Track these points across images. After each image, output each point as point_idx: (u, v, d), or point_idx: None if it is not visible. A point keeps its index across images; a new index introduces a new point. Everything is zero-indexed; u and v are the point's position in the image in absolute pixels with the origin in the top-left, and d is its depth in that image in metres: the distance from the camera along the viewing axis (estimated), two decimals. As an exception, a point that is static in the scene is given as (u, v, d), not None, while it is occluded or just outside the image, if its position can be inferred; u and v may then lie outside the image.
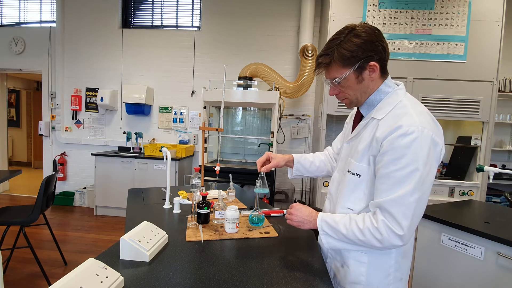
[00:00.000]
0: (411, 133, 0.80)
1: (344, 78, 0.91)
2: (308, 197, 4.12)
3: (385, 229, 0.82)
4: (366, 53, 0.87)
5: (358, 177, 0.93)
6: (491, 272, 1.43)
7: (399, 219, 0.81)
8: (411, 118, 0.82)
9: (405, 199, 0.80)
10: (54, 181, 2.52)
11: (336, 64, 0.90)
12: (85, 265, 0.77)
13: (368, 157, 0.90)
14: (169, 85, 4.32)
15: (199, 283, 0.85)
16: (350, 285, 0.98)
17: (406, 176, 0.80)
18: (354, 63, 0.88)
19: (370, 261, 0.94)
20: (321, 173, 1.30)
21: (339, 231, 0.90)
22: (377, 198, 0.86)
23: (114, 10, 4.32)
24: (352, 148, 0.98)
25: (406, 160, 0.80)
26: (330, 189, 1.09)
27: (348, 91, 0.94)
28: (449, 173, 3.34)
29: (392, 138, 0.82)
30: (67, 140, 4.48)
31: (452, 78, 3.02)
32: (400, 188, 0.80)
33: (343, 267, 1.00)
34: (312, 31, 3.80)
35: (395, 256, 0.94)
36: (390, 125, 0.84)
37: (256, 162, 1.26)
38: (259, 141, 3.99)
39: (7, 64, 4.52)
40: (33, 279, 2.34)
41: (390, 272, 0.94)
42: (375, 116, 0.92)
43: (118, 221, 3.81)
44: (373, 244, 0.85)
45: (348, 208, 0.96)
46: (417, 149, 0.79)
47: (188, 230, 1.25)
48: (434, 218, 1.67)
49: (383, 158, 0.84)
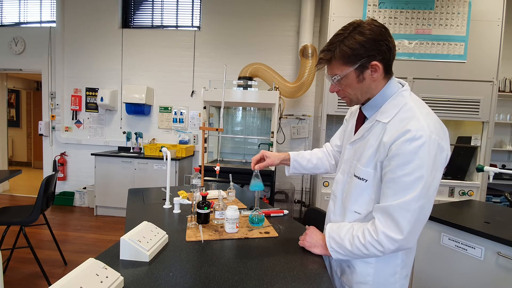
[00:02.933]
0: (419, 138, 0.78)
1: (344, 76, 0.89)
2: (308, 197, 4.12)
3: (386, 240, 0.84)
4: (368, 52, 0.84)
5: (365, 182, 0.92)
6: (491, 272, 1.43)
7: (401, 224, 0.81)
8: (418, 122, 0.81)
9: (410, 205, 0.80)
10: (54, 181, 2.52)
11: (337, 61, 0.88)
12: (85, 265, 0.77)
13: (375, 163, 0.89)
14: (169, 85, 4.32)
15: (199, 283, 0.84)
16: (357, 285, 0.99)
17: (413, 182, 0.80)
18: (355, 62, 0.85)
19: (377, 262, 0.95)
20: (318, 171, 1.28)
21: (345, 247, 0.92)
22: (382, 202, 0.86)
23: (114, 10, 4.32)
24: (357, 151, 0.97)
25: (413, 166, 0.79)
26: (334, 191, 1.08)
27: (348, 89, 0.92)
28: (449, 173, 3.34)
29: (400, 143, 0.81)
30: (67, 140, 4.48)
31: (452, 78, 3.02)
32: (406, 194, 0.80)
33: (350, 267, 1.01)
34: (312, 31, 3.80)
35: (401, 255, 0.96)
36: (398, 130, 0.82)
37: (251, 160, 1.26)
38: (259, 141, 3.99)
39: (7, 64, 4.52)
40: (33, 279, 2.34)
41: (396, 271, 0.96)
42: (380, 119, 0.90)
43: (118, 221, 3.81)
44: (377, 254, 0.88)
45: (355, 212, 0.96)
46: (424, 155, 0.79)
47: (188, 230, 1.25)
48: (434, 218, 1.67)
49: (390, 163, 0.83)
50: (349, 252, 0.92)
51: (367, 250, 0.87)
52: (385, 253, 0.87)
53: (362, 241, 0.87)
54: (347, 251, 0.92)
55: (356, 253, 0.90)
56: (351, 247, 0.90)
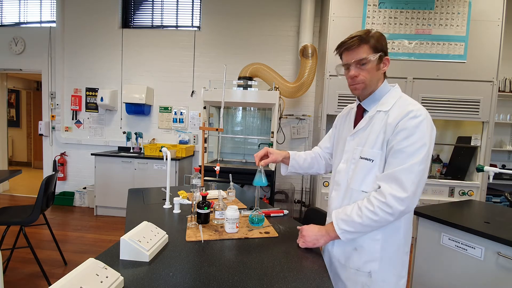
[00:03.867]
0: (419, 116, 0.95)
1: (370, 60, 1.02)
2: (308, 197, 4.12)
3: (394, 201, 0.92)
4: (385, 49, 1.04)
5: (371, 162, 1.02)
6: (491, 272, 1.43)
7: (407, 184, 0.92)
8: (416, 105, 0.98)
9: (415, 167, 0.92)
10: (54, 181, 2.52)
11: (368, 45, 1.01)
12: (85, 265, 0.77)
13: (382, 142, 1.00)
14: (169, 85, 4.32)
15: (199, 283, 0.85)
16: (365, 264, 1.05)
17: (417, 150, 0.93)
18: (380, 51, 1.02)
19: (384, 238, 1.03)
20: (311, 170, 1.37)
21: (355, 221, 0.98)
22: (389, 170, 0.96)
23: (114, 10, 4.32)
24: (361, 139, 1.07)
25: (416, 137, 0.93)
26: (338, 180, 1.14)
27: (367, 75, 1.04)
28: (449, 173, 3.34)
29: (405, 120, 0.95)
30: (67, 140, 4.48)
31: (452, 78, 3.02)
32: (411, 159, 0.93)
33: (357, 249, 1.07)
34: (312, 31, 3.80)
35: (403, 230, 1.05)
36: (401, 112, 0.98)
37: (254, 156, 1.29)
38: (259, 141, 3.99)
39: (7, 64, 4.52)
40: (33, 279, 2.34)
41: (400, 246, 1.05)
42: (381, 109, 1.04)
43: (118, 221, 3.81)
44: (387, 219, 0.95)
45: (363, 191, 1.04)
46: (424, 129, 0.94)
47: (188, 230, 1.25)
48: (434, 218, 1.67)
49: (396, 137, 0.96)
50: (358, 225, 0.98)
51: (377, 215, 0.94)
52: (395, 215, 0.94)
53: (371, 208, 0.95)
54: (356, 225, 0.98)
55: (366, 223, 0.96)
56: (360, 219, 0.97)
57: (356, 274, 1.07)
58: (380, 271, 1.03)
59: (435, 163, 3.37)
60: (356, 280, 1.07)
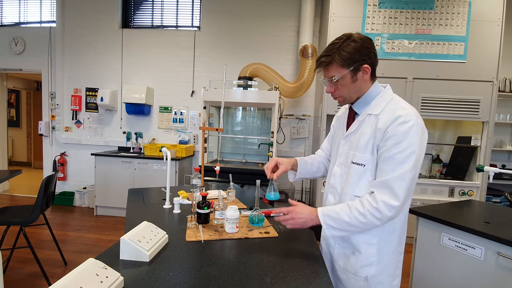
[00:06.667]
0: (409, 121, 0.94)
1: (341, 77, 1.01)
2: (308, 197, 4.12)
3: (384, 208, 0.93)
4: (361, 57, 0.99)
5: (363, 167, 1.03)
6: (491, 272, 1.43)
7: (399, 192, 0.93)
8: (406, 110, 0.97)
9: (405, 175, 0.93)
10: (54, 181, 2.51)
11: (335, 64, 1.00)
12: (85, 265, 0.77)
13: (372, 147, 1.00)
14: (169, 85, 4.32)
15: (199, 283, 0.85)
16: (363, 269, 1.05)
17: (407, 157, 0.93)
18: (351, 64, 0.99)
19: (379, 242, 1.04)
20: (318, 173, 1.36)
21: (342, 220, 0.98)
22: (380, 178, 0.97)
23: (114, 10, 4.32)
24: (353, 143, 1.07)
25: (406, 144, 0.93)
26: (333, 183, 1.14)
27: (343, 89, 1.04)
28: (449, 173, 3.34)
29: (394, 126, 0.95)
30: (67, 140, 4.48)
31: (452, 78, 3.02)
32: (402, 167, 0.93)
33: (354, 253, 1.07)
34: (312, 31, 3.80)
35: (398, 233, 1.06)
36: (390, 117, 0.97)
37: (264, 169, 1.26)
38: (259, 141, 3.99)
39: (7, 64, 4.52)
40: (33, 279, 2.34)
41: (395, 248, 1.06)
42: (371, 112, 1.04)
43: (118, 221, 3.81)
44: (374, 223, 0.96)
45: (355, 196, 1.04)
46: (414, 134, 0.93)
47: (188, 230, 1.25)
48: (434, 218, 1.67)
49: (386, 144, 0.96)
50: (346, 224, 0.97)
51: (366, 218, 0.95)
52: (382, 220, 0.95)
53: (361, 210, 0.96)
54: (343, 224, 0.98)
55: (353, 224, 0.97)
56: (349, 218, 0.97)
57: (354, 278, 1.07)
58: (376, 275, 1.05)
59: (435, 163, 3.38)
60: (353, 284, 1.08)
